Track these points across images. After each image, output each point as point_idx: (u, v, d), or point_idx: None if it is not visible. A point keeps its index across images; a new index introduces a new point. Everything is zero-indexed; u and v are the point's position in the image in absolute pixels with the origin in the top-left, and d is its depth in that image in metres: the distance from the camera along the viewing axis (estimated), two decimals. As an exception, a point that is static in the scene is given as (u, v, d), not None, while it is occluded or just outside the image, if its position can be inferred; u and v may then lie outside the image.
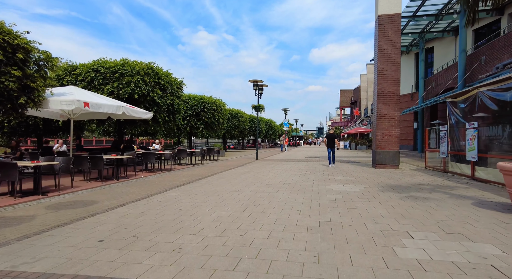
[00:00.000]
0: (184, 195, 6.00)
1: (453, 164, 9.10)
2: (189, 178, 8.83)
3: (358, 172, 10.12)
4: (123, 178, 8.85)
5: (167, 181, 8.12)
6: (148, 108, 12.53)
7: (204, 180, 8.25)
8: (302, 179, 8.39)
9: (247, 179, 8.40)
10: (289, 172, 10.34)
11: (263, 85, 16.91)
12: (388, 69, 11.46)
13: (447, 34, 23.61)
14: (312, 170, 10.87)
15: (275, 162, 15.13)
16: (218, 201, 5.42)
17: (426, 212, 4.46)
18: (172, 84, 14.07)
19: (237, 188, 6.89)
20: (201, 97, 19.69)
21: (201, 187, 7.00)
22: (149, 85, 12.26)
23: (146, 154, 10.24)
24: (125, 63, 12.08)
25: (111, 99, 10.12)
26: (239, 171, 10.78)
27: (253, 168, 11.69)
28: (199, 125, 19.47)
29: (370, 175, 9.40)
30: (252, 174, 9.62)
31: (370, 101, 48.04)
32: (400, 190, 6.44)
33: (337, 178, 8.71)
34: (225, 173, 9.99)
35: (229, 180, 8.20)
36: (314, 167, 12.00)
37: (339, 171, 10.49)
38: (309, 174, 9.60)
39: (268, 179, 8.50)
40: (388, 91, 11.46)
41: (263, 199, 5.58)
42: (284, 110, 31.20)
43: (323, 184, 7.43)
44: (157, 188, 6.99)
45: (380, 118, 11.52)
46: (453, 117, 9.13)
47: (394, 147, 11.39)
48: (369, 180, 8.12)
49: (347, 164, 13.37)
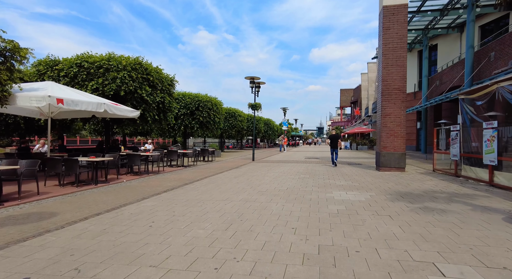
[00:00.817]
0: (162, 205, 5.17)
1: (467, 167, 8.27)
2: (175, 182, 8.00)
3: (361, 176, 9.29)
4: (103, 182, 8.02)
5: (150, 186, 7.29)
6: (136, 106, 11.70)
7: (191, 186, 7.42)
8: (300, 184, 7.56)
9: (239, 184, 7.58)
10: (286, 175, 9.52)
11: (260, 83, 16.07)
12: (394, 64, 10.62)
13: (452, 30, 22.76)
14: (312, 173, 10.05)
15: (273, 163, 14.31)
16: (199, 214, 4.59)
17: (450, 232, 3.64)
18: (163, 81, 13.23)
19: (225, 195, 6.06)
20: (195, 96, 18.85)
21: (185, 194, 6.17)
22: (137, 82, 11.43)
23: (131, 155, 9.42)
24: (110, 58, 11.24)
25: (92, 96, 9.29)
26: (232, 174, 9.95)
27: (248, 171, 10.87)
28: (194, 125, 18.64)
29: (374, 179, 8.57)
30: (246, 178, 8.79)
31: (371, 100, 47.19)
32: (412, 199, 5.61)
33: (338, 182, 7.88)
34: (217, 177, 9.16)
35: (219, 185, 7.37)
36: (313, 169, 11.17)
37: (341, 174, 9.67)
38: (308, 178, 8.78)
39: (262, 184, 7.67)
40: (394, 88, 10.63)
41: (252, 211, 4.76)
42: (283, 109, 30.35)
43: (323, 191, 6.61)
44: (135, 195, 6.17)
45: (385, 117, 10.69)
46: (466, 116, 8.29)
47: (400, 148, 10.56)
48: (374, 186, 7.29)
49: (349, 166, 12.54)
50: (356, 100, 64.76)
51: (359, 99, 59.65)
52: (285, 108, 30.16)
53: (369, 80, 49.14)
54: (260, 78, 15.37)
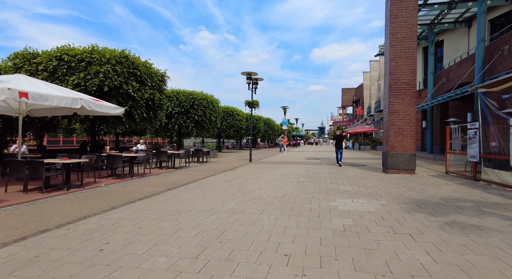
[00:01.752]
0: (129, 218, 4.25)
1: (488, 170, 7.30)
2: (158, 187, 7.08)
3: (368, 179, 8.34)
4: (77, 186, 7.11)
5: (127, 192, 6.37)
6: (121, 103, 10.79)
7: (174, 191, 6.49)
8: (298, 190, 6.62)
9: (229, 190, 6.65)
10: (284, 178, 8.58)
11: (258, 79, 15.13)
12: (402, 56, 9.67)
13: (460, 25, 21.75)
14: (312, 176, 9.11)
15: (271, 164, 13.37)
16: (169, 231, 3.66)
17: (499, 262, 2.69)
18: (153, 77, 12.32)
19: (209, 205, 5.13)
20: (190, 93, 17.92)
21: (162, 203, 5.25)
22: (122, 76, 10.52)
23: (112, 157, 8.50)
24: (93, 51, 10.33)
25: (71, 91, 8.37)
26: (225, 177, 9.02)
27: (242, 173, 9.93)
28: (188, 124, 17.72)
29: (383, 183, 7.62)
30: (238, 182, 7.86)
31: (373, 99, 46.16)
32: (433, 210, 4.66)
33: (342, 187, 6.94)
34: (206, 180, 8.23)
35: (205, 192, 6.44)
36: (314, 171, 10.23)
37: (344, 177, 8.72)
38: (308, 182, 7.84)
39: (255, 189, 6.74)
40: (402, 83, 9.67)
41: (237, 227, 3.82)
42: (283, 108, 29.35)
43: (326, 198, 5.67)
44: (105, 203, 5.25)
45: (393, 114, 9.73)
46: (487, 112, 7.33)
47: (410, 148, 9.60)
48: (384, 192, 6.34)
49: (353, 168, 11.58)
50: (358, 100, 63.72)
51: (361, 99, 58.61)
52: (285, 107, 29.17)
53: (371, 79, 48.10)
54: (257, 74, 14.43)
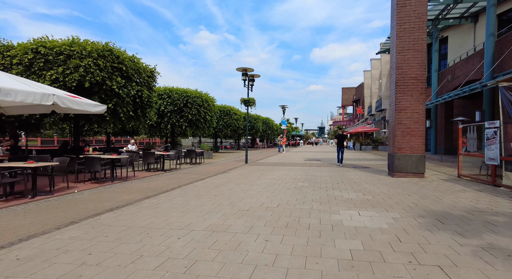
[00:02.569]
0: (84, 238, 3.41)
1: (511, 174, 6.46)
2: (136, 194, 6.23)
3: (373, 184, 7.50)
4: (45, 193, 6.27)
5: (98, 201, 5.53)
6: (105, 100, 9.95)
7: (153, 200, 5.65)
8: (296, 198, 5.78)
9: (216, 198, 5.80)
10: (280, 183, 7.73)
11: (255, 75, 14.27)
12: (410, 48, 8.82)
13: (465, 21, 20.90)
14: (312, 180, 8.26)
15: (268, 166, 12.53)
16: (125, 261, 2.81)
17: None
18: (141, 72, 11.47)
19: (188, 219, 4.28)
20: (184, 91, 17.07)
21: (133, 216, 4.40)
22: (105, 71, 9.66)
23: (89, 159, 7.65)
24: (73, 43, 9.48)
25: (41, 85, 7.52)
26: (215, 181, 8.18)
27: (235, 177, 9.09)
28: (182, 123, 16.87)
29: (391, 189, 6.78)
30: (229, 188, 7.02)
31: (374, 99, 45.32)
32: (459, 227, 3.82)
33: (346, 195, 6.09)
34: (193, 186, 7.39)
35: (189, 200, 5.60)
36: (314, 175, 9.38)
37: (348, 182, 7.88)
38: (307, 188, 6.99)
39: (247, 197, 5.89)
40: (410, 77, 8.83)
41: (214, 256, 2.98)
42: (282, 107, 28.49)
43: (327, 209, 4.82)
44: (65, 216, 4.40)
45: (400, 112, 8.89)
46: (510, 108, 6.49)
47: (418, 149, 8.76)
48: (394, 201, 5.50)
49: (356, 170, 10.74)
50: (358, 99, 62.92)
51: (362, 98, 57.79)
52: (284, 106, 28.31)
53: (372, 78, 47.24)
54: (253, 70, 13.58)
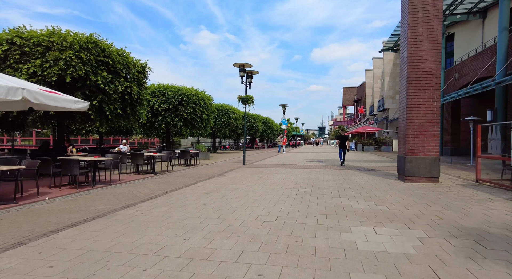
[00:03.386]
0: (16, 272, 2.58)
1: (544, 181, 5.63)
2: (114, 202, 5.41)
3: (384, 190, 6.67)
4: (7, 202, 5.45)
5: (66, 212, 4.70)
6: (89, 96, 9.12)
7: (130, 211, 4.82)
8: (297, 209, 4.95)
9: (204, 209, 4.98)
10: (279, 189, 6.90)
11: (253, 72, 13.44)
12: (424, 39, 7.99)
13: (473, 16, 20.05)
14: (315, 185, 7.43)
15: (266, 168, 11.70)
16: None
17: None
18: (130, 67, 10.64)
19: (164, 239, 3.45)
20: (179, 88, 16.23)
21: (98, 235, 3.58)
22: (89, 65, 8.84)
23: (66, 162, 6.82)
24: (52, 34, 8.65)
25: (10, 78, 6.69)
26: (207, 186, 7.35)
27: (230, 181, 8.26)
28: (177, 122, 16.04)
29: (405, 196, 5.95)
30: (221, 195, 6.19)
31: (376, 98, 44.50)
32: (510, 255, 2.99)
33: (356, 204, 5.26)
34: (182, 192, 6.56)
35: (171, 212, 4.77)
36: (317, 178, 8.55)
37: (355, 187, 7.05)
38: (309, 195, 6.16)
39: (240, 207, 5.07)
40: (424, 72, 8.00)
41: (186, 300, 2.15)
42: (282, 106, 27.63)
43: (336, 225, 3.99)
44: (12, 234, 3.57)
45: (412, 110, 8.05)
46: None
47: (433, 151, 7.93)
48: (413, 212, 4.67)
49: (362, 174, 9.90)
50: (359, 99, 62.10)
51: (363, 98, 56.96)
52: (284, 105, 27.45)
53: (374, 77, 46.38)
54: (252, 65, 12.74)
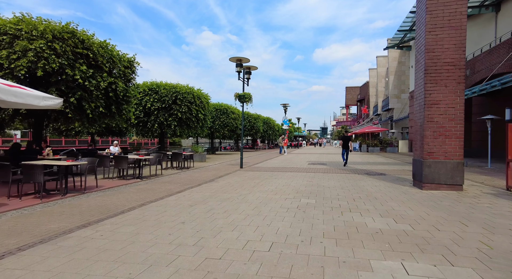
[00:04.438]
0: None
1: None
2: (75, 219, 4.40)
3: (402, 201, 5.61)
4: None
5: (14, 233, 3.70)
6: (65, 92, 8.16)
7: (88, 231, 3.81)
8: (299, 229, 3.92)
9: (182, 229, 3.96)
10: (278, 199, 5.87)
11: (252, 67, 12.41)
12: (445, 25, 6.94)
13: (486, 9, 18.93)
14: (319, 194, 6.39)
15: (265, 172, 10.66)
16: None
17: None
18: (115, 61, 9.66)
19: (109, 283, 2.44)
20: (172, 86, 15.25)
21: (20, 276, 2.57)
22: (64, 57, 7.86)
23: (27, 167, 5.84)
24: (20, 21, 7.69)
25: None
26: (195, 195, 6.34)
27: (222, 188, 7.24)
28: (170, 122, 15.06)
29: (430, 210, 4.90)
30: (207, 208, 5.17)
31: (380, 98, 43.36)
32: None
33: (371, 222, 4.22)
34: (161, 203, 5.55)
35: (139, 234, 3.76)
36: (321, 185, 7.51)
37: (366, 197, 6.00)
38: (313, 208, 5.12)
39: (226, 227, 4.05)
40: (444, 63, 6.94)
41: None
42: (283, 106, 26.58)
43: (350, 259, 2.96)
44: None
45: (431, 107, 7.00)
46: None
47: (455, 154, 6.87)
48: (448, 235, 3.62)
49: (371, 179, 8.83)
50: (363, 98, 60.92)
51: (367, 97, 55.78)
52: (285, 104, 26.38)
53: (378, 76, 45.26)
54: (249, 60, 11.72)
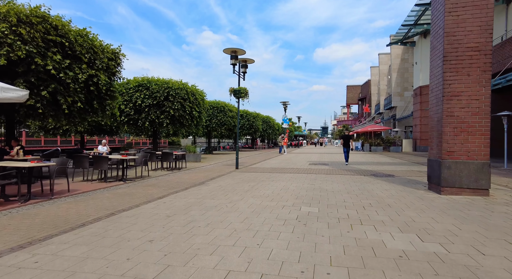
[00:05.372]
0: None
1: None
2: (15, 237, 3.48)
3: (422, 210, 4.68)
4: None
5: None
6: (36, 85, 7.24)
7: (21, 256, 2.89)
8: (298, 254, 3.00)
9: (145, 253, 3.04)
10: (274, 208, 4.95)
11: (248, 60, 11.46)
12: (468, 4, 6.00)
13: (496, 1, 17.97)
14: (323, 200, 5.46)
15: (263, 173, 9.74)
16: None
17: None
18: (97, 52, 8.75)
19: None
20: (164, 82, 14.32)
21: None
22: (33, 44, 6.95)
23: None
24: (-20, 2, 6.79)
25: None
26: (176, 203, 5.42)
27: (211, 193, 6.32)
28: (162, 120, 14.14)
29: (459, 223, 3.97)
30: (187, 220, 4.25)
31: (382, 96, 42.40)
32: None
33: (389, 240, 3.30)
34: (134, 213, 4.62)
35: (88, 257, 2.83)
36: (324, 189, 6.58)
37: (378, 204, 5.07)
38: (316, 220, 4.19)
39: (205, 249, 3.12)
40: (467, 48, 6.01)
41: None
42: (283, 104, 25.63)
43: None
44: None
45: (451, 99, 6.06)
46: None
47: (480, 154, 5.93)
48: (497, 262, 2.69)
49: (379, 181, 7.89)
50: (364, 97, 59.96)
51: (368, 96, 54.84)
52: (285, 102, 25.43)
53: (380, 74, 44.27)
54: (245, 52, 10.78)
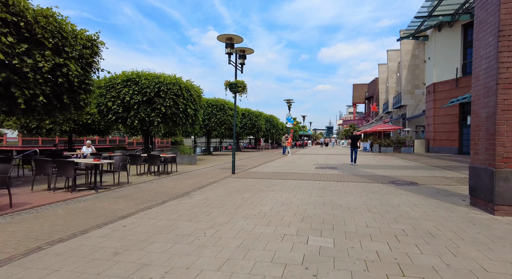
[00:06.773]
0: None
1: None
2: None
3: (484, 245, 3.23)
4: None
5: None
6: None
7: None
8: None
9: None
10: (270, 237, 3.53)
11: (246, 51, 10.05)
12: (532, -38, 4.52)
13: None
14: (337, 223, 4.03)
15: (261, 180, 8.34)
16: None
17: None
18: (66, 38, 7.43)
19: None
20: (155, 76, 12.99)
21: None
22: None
23: None
24: None
25: None
26: (141, 226, 4.05)
27: (192, 210, 4.94)
28: (153, 118, 12.82)
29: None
30: (139, 263, 2.86)
31: (391, 94, 40.68)
32: None
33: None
34: (73, 245, 3.25)
35: None
36: (337, 203, 5.15)
37: (413, 231, 3.63)
38: (331, 262, 2.78)
39: None
40: (530, 21, 4.53)
41: None
42: (287, 102, 24.19)
43: None
44: None
45: (509, 88, 4.59)
46: None
47: (547, 161, 4.45)
48: None
49: (402, 191, 6.41)
50: (371, 96, 58.16)
51: (376, 94, 53.03)
52: (289, 100, 23.96)
53: (388, 72, 42.55)
54: (242, 40, 9.38)
